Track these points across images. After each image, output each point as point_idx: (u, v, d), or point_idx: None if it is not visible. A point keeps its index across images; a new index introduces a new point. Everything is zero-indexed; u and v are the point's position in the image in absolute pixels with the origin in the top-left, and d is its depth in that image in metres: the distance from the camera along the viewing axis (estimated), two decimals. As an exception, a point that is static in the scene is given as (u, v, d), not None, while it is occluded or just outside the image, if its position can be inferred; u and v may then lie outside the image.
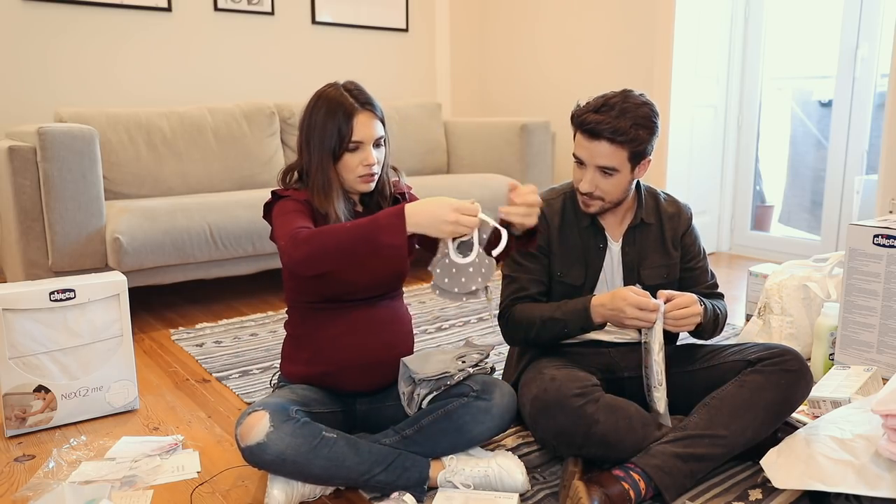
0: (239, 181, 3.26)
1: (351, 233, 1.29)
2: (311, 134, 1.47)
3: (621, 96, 1.53)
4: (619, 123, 1.49)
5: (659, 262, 1.67)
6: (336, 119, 1.45)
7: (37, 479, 1.52)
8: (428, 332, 2.56)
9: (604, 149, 1.51)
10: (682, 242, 1.70)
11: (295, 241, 1.31)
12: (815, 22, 3.60)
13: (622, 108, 1.50)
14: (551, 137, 3.84)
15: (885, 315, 1.86)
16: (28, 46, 3.15)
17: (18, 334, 1.71)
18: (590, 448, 1.43)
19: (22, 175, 2.40)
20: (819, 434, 1.42)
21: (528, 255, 1.66)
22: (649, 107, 1.53)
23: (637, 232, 1.67)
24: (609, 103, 1.51)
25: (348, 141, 1.46)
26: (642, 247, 1.67)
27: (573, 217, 1.67)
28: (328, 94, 1.48)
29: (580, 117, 1.54)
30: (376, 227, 1.28)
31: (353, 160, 1.47)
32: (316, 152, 1.47)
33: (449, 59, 4.58)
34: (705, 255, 1.74)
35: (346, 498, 1.46)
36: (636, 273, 1.66)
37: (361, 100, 1.48)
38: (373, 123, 1.48)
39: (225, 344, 2.42)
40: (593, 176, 1.55)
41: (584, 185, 1.57)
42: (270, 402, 1.41)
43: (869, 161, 3.31)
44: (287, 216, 1.43)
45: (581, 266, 1.66)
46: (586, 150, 1.54)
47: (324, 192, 1.47)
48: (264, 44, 3.81)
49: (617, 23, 3.82)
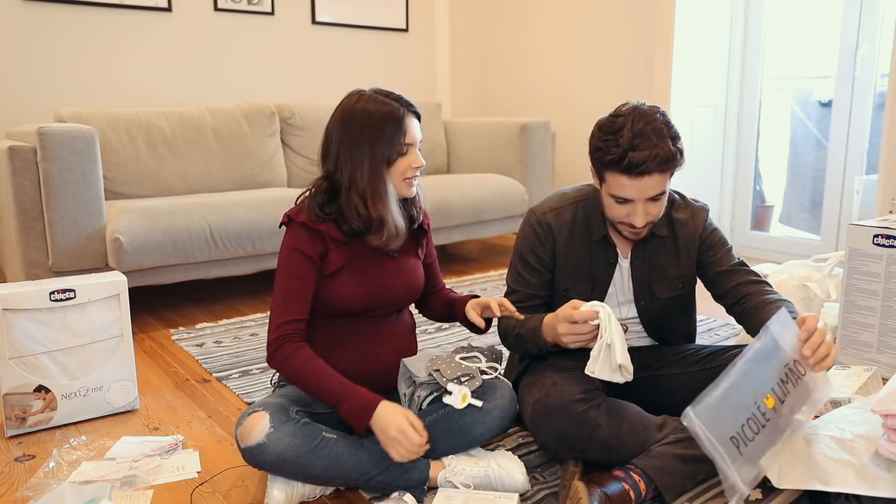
0: (239, 181, 3.26)
1: (321, 389, 1.39)
2: (357, 145, 1.44)
3: (638, 116, 1.40)
4: (663, 150, 1.38)
5: (673, 273, 1.60)
6: (388, 126, 1.44)
7: (37, 479, 1.52)
8: (428, 332, 2.56)
9: (654, 180, 1.40)
10: (700, 244, 1.60)
11: (277, 354, 1.43)
12: (815, 22, 3.60)
13: (655, 131, 1.39)
14: (551, 137, 3.84)
15: (884, 315, 1.86)
16: (28, 46, 3.16)
17: (18, 334, 1.71)
18: (592, 452, 1.43)
19: (22, 175, 2.40)
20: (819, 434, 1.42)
21: (530, 268, 1.60)
22: (663, 113, 1.44)
23: (648, 246, 1.59)
24: (638, 132, 1.38)
25: (402, 144, 1.45)
26: (654, 261, 1.60)
27: (583, 230, 1.59)
28: (366, 104, 1.45)
29: (623, 161, 1.38)
30: (341, 403, 1.37)
31: (402, 164, 1.47)
32: (366, 161, 1.44)
33: (449, 59, 4.58)
34: (730, 246, 1.62)
35: (346, 498, 1.46)
36: (648, 288, 1.60)
37: (404, 102, 1.48)
38: (417, 125, 1.50)
39: (225, 344, 2.42)
40: (645, 207, 1.44)
41: (639, 220, 1.45)
42: (271, 402, 1.41)
43: (869, 161, 3.31)
44: (288, 282, 1.45)
45: (588, 281, 1.59)
46: (635, 189, 1.41)
47: (381, 200, 1.45)
48: (264, 44, 3.81)
49: (617, 23, 3.82)
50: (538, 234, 1.60)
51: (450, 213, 3.31)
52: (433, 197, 3.24)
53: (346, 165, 1.45)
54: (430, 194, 3.22)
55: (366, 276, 1.50)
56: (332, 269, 1.48)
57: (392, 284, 1.54)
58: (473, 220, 3.44)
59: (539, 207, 1.64)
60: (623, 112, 1.43)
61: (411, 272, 1.58)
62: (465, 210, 3.37)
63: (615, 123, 1.42)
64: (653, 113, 1.42)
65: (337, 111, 1.48)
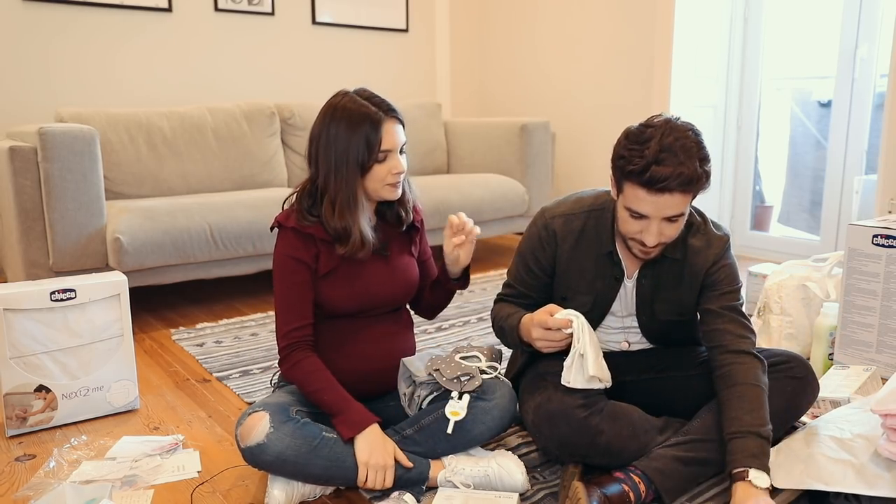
0: (239, 181, 3.26)
1: (320, 401, 1.42)
2: (331, 149, 1.42)
3: (669, 130, 1.32)
4: (689, 169, 1.29)
5: (674, 297, 1.54)
6: (362, 131, 1.40)
7: (37, 479, 1.52)
8: (428, 332, 2.56)
9: (674, 200, 1.32)
10: (706, 277, 1.51)
11: (286, 361, 1.46)
12: (815, 22, 3.60)
13: (683, 148, 1.30)
14: (551, 137, 3.84)
15: (884, 315, 1.87)
16: (28, 46, 3.16)
17: (19, 334, 1.72)
18: (594, 457, 1.42)
19: (23, 175, 2.40)
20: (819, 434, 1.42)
21: (529, 269, 1.57)
22: (696, 132, 1.34)
23: (657, 266, 1.53)
24: (666, 146, 1.29)
25: (377, 151, 1.41)
26: (659, 280, 1.53)
27: (593, 240, 1.52)
28: (346, 106, 1.42)
29: (644, 174, 1.30)
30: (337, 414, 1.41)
31: (381, 170, 1.44)
32: (340, 167, 1.42)
33: (449, 60, 4.58)
34: (737, 288, 1.51)
35: (346, 498, 1.46)
36: (650, 307, 1.56)
37: (384, 107, 1.43)
38: (398, 130, 1.45)
39: (225, 344, 2.42)
40: (659, 227, 1.36)
41: (651, 239, 1.37)
42: (271, 402, 1.41)
43: (868, 161, 3.31)
44: (286, 291, 1.45)
45: (589, 295, 1.54)
46: (652, 205, 1.33)
47: (349, 209, 1.43)
48: (264, 44, 3.81)
49: (617, 23, 3.82)
50: (542, 238, 1.55)
51: (450, 213, 3.29)
52: (433, 197, 3.24)
53: (322, 169, 1.44)
54: (430, 194, 3.22)
55: (357, 277, 1.50)
56: (323, 270, 1.48)
57: (384, 284, 1.53)
58: (473, 220, 3.43)
59: (551, 210, 1.57)
60: (654, 123, 1.34)
61: (404, 271, 1.58)
62: (465, 210, 3.37)
63: (644, 134, 1.33)
64: (685, 129, 1.33)
65: (320, 112, 1.46)
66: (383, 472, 1.37)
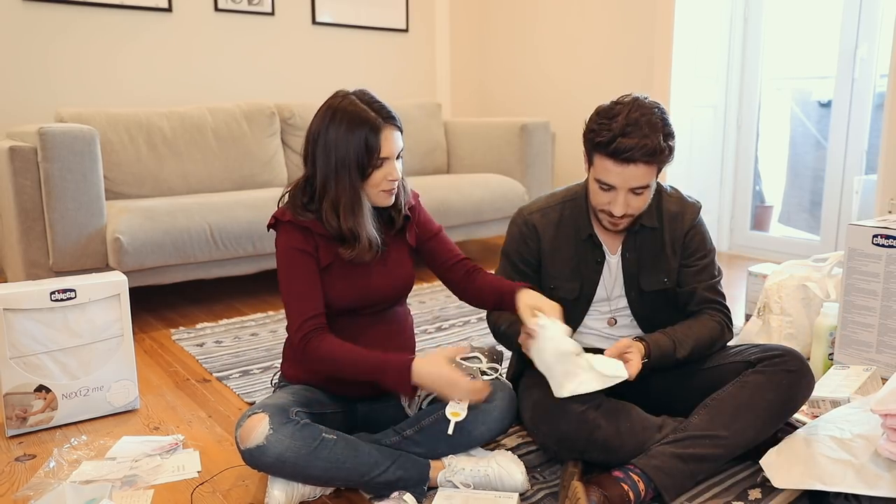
0: (239, 181, 3.26)
1: (358, 369, 1.39)
2: (330, 151, 1.41)
3: (636, 107, 1.43)
4: (652, 142, 1.40)
5: (659, 267, 1.61)
6: (361, 136, 1.39)
7: (37, 479, 1.52)
8: (428, 332, 2.56)
9: (639, 171, 1.43)
10: (684, 242, 1.62)
11: (307, 351, 1.42)
12: (815, 22, 3.60)
13: (649, 123, 1.41)
14: (551, 137, 3.84)
15: (884, 315, 1.87)
16: (28, 46, 3.16)
17: (19, 334, 1.72)
18: (591, 453, 1.43)
19: (23, 175, 2.40)
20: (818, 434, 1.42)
21: (515, 267, 1.64)
22: (662, 110, 1.46)
23: (638, 238, 1.61)
24: (632, 120, 1.41)
25: (377, 158, 1.41)
26: (642, 253, 1.61)
27: (570, 229, 1.61)
28: (346, 108, 1.41)
29: (611, 145, 1.41)
30: (382, 374, 1.38)
31: (378, 176, 1.43)
32: (341, 171, 1.41)
33: (449, 60, 4.58)
34: (710, 254, 1.63)
35: (346, 498, 1.46)
36: (636, 280, 1.62)
37: (384, 114, 1.43)
38: (397, 137, 1.45)
39: (225, 344, 2.42)
40: (625, 198, 1.46)
41: (618, 209, 1.47)
42: (270, 403, 1.41)
43: (868, 161, 3.31)
44: (295, 283, 1.43)
45: (576, 281, 1.61)
46: (618, 176, 1.44)
47: (352, 212, 1.43)
48: (264, 44, 3.81)
49: (617, 23, 3.82)
50: (523, 234, 1.63)
51: (450, 213, 3.31)
52: (433, 197, 3.24)
53: (321, 170, 1.43)
54: (430, 194, 3.22)
55: (351, 274, 1.49)
56: (322, 264, 1.47)
57: (378, 281, 1.52)
58: (473, 220, 3.44)
59: (527, 208, 1.67)
60: (623, 101, 1.46)
61: (398, 266, 1.56)
62: (465, 210, 3.37)
63: (612, 109, 1.45)
64: (651, 106, 1.45)
65: (318, 112, 1.46)
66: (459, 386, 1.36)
